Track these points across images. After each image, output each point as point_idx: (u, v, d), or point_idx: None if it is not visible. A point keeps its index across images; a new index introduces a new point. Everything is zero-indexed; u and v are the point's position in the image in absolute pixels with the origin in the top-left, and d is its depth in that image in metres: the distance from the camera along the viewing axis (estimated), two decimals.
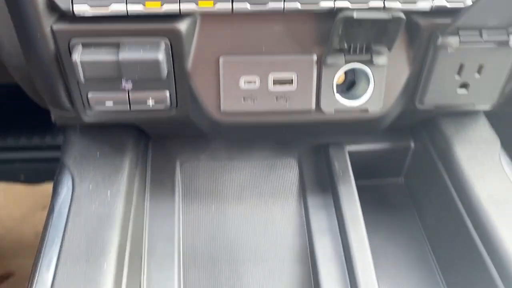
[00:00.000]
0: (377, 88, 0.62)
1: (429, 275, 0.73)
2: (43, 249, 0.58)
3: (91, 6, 0.53)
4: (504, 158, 0.70)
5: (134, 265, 0.62)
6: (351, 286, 0.63)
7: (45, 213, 0.63)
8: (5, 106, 1.42)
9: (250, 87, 0.60)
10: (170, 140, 0.77)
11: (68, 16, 0.53)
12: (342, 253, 0.66)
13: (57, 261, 0.56)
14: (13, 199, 1.49)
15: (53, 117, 0.66)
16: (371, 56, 0.59)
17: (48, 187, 1.44)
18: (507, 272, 0.57)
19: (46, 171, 1.34)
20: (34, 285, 0.55)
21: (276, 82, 0.60)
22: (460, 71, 0.63)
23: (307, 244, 0.70)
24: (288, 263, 0.69)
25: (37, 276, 0.56)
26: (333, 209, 0.71)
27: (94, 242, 0.57)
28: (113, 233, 0.58)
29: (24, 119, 1.43)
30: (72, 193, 0.62)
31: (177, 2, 0.54)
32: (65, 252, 0.56)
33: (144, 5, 0.53)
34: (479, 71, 0.63)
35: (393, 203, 0.83)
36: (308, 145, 0.78)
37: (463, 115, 0.75)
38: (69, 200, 0.61)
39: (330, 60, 0.59)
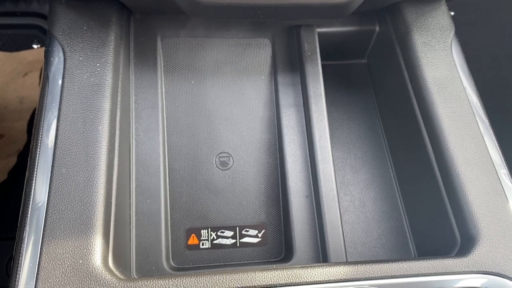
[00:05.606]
0: None
1: (376, 143, 0.86)
2: (43, 113, 0.63)
3: None
4: (455, 46, 0.78)
5: (124, 128, 0.70)
6: (309, 150, 0.75)
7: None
8: None
9: None
10: (151, 16, 0.79)
11: None
12: (304, 124, 0.77)
13: (57, 124, 0.61)
14: None
15: None
16: None
17: (25, 54, 1.46)
18: (437, 141, 0.69)
19: (21, 38, 1.35)
20: (38, 145, 0.60)
21: None
22: None
23: (275, 116, 0.80)
24: (258, 130, 0.79)
25: (40, 138, 0.61)
26: (300, 86, 0.80)
27: (89, 108, 0.63)
28: (105, 100, 0.64)
29: None
30: (64, 63, 0.66)
31: None
32: (63, 116, 0.62)
33: None
34: None
35: (354, 81, 0.92)
36: (281, 26, 0.83)
37: (425, 2, 0.80)
38: (62, 70, 0.66)
39: None
